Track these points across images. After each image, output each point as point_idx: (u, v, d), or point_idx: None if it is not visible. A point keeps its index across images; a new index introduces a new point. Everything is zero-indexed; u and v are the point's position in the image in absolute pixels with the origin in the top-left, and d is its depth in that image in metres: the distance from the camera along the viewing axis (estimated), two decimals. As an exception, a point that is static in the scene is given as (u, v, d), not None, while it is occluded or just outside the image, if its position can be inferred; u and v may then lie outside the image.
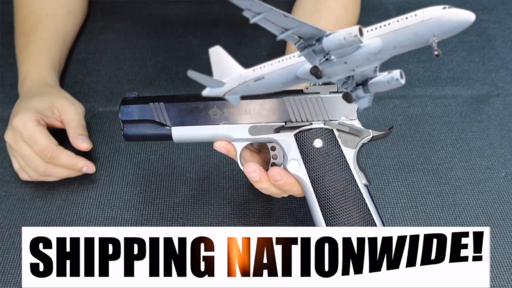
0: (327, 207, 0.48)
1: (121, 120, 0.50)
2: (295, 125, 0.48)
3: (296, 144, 0.48)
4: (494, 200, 0.60)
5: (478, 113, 0.70)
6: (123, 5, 0.86)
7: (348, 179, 0.48)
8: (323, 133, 0.48)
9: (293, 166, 0.48)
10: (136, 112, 0.49)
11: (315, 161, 0.48)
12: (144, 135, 0.50)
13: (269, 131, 0.49)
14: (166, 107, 0.49)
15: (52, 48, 0.72)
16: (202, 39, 0.81)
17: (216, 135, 0.49)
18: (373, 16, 0.84)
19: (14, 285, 0.53)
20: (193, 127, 0.49)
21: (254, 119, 0.49)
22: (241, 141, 0.49)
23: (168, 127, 0.49)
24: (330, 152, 0.48)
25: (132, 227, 0.58)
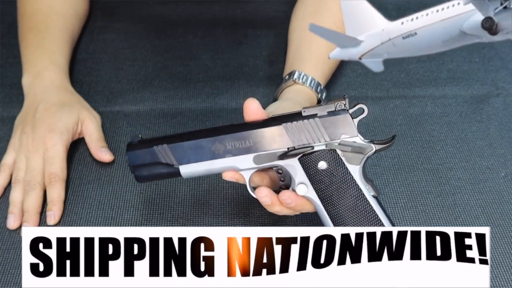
0: (339, 223, 0.49)
1: (130, 166, 0.51)
2: (298, 151, 0.48)
3: (302, 167, 0.49)
4: (494, 200, 0.60)
5: (478, 113, 0.70)
6: (123, 5, 0.86)
7: (356, 195, 0.48)
8: (326, 155, 0.48)
9: (301, 189, 0.49)
10: (142, 156, 0.50)
11: (322, 182, 0.48)
12: (155, 175, 0.51)
13: (273, 159, 0.49)
14: (170, 149, 0.49)
15: (65, 48, 0.72)
16: (202, 39, 0.81)
17: (222, 167, 0.49)
18: (373, 16, 0.84)
19: (14, 285, 0.53)
20: (199, 163, 0.49)
21: (257, 149, 0.49)
22: (247, 171, 0.50)
23: (176, 166, 0.50)
24: (335, 172, 0.48)
25: (132, 227, 0.58)
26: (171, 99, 0.72)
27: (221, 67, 0.76)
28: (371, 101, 0.71)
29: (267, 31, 0.82)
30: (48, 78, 0.67)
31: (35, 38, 0.71)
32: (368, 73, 0.75)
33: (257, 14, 0.85)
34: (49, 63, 0.68)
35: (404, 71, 0.76)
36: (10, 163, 0.61)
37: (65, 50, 0.72)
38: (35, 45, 0.70)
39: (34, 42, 0.71)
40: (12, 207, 0.58)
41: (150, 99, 0.72)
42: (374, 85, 0.74)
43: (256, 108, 0.49)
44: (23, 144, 0.61)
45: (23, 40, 0.72)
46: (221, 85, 0.74)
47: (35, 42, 0.71)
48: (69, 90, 0.68)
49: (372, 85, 0.74)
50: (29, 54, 0.70)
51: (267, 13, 0.85)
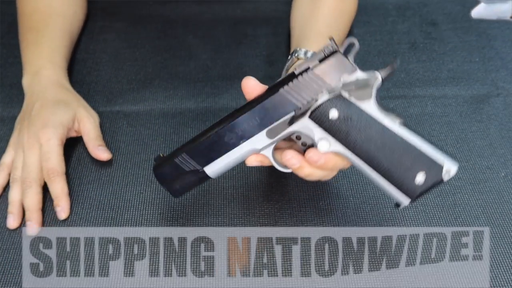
0: (376, 164, 0.46)
1: (161, 184, 0.52)
2: (304, 109, 0.47)
3: (316, 124, 0.47)
4: (494, 200, 0.60)
5: (478, 113, 0.70)
6: (123, 5, 0.86)
7: (381, 130, 0.45)
8: (333, 102, 0.46)
9: (323, 145, 0.47)
10: (169, 172, 0.51)
11: (341, 131, 0.46)
12: (186, 185, 0.52)
13: (284, 127, 0.48)
14: (189, 155, 0.50)
15: (63, 47, 0.72)
16: (202, 39, 0.81)
17: (242, 154, 0.49)
18: (373, 16, 0.84)
19: (14, 285, 0.53)
20: (220, 159, 0.49)
21: (265, 124, 0.48)
22: (266, 147, 0.49)
23: (200, 170, 0.50)
24: (349, 115, 0.46)
25: (132, 227, 0.58)
26: (171, 99, 0.72)
27: (221, 67, 0.76)
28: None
29: (267, 31, 0.82)
30: (46, 77, 0.67)
31: (34, 37, 0.71)
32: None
33: (257, 14, 0.85)
34: (47, 62, 0.68)
35: (404, 71, 0.76)
36: (8, 162, 0.61)
37: (64, 49, 0.72)
38: (34, 44, 0.70)
39: (33, 41, 0.71)
40: (11, 207, 0.58)
41: (150, 99, 0.72)
42: (374, 85, 0.74)
43: (254, 84, 0.48)
44: (20, 142, 0.61)
45: (23, 40, 0.72)
46: (221, 85, 0.74)
47: (34, 42, 0.71)
48: (66, 88, 0.68)
49: (372, 85, 0.74)
50: (28, 54, 0.70)
51: (267, 13, 0.85)
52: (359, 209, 0.59)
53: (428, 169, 0.45)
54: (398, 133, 0.45)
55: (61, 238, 0.57)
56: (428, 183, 0.45)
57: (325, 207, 0.59)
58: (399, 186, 0.46)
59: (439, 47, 0.79)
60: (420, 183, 0.45)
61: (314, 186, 0.61)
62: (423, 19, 0.84)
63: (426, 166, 0.45)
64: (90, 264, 0.55)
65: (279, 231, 0.57)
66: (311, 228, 0.57)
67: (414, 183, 0.45)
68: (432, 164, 0.45)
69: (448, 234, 0.57)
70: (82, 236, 0.57)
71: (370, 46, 0.79)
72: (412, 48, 0.79)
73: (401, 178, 0.46)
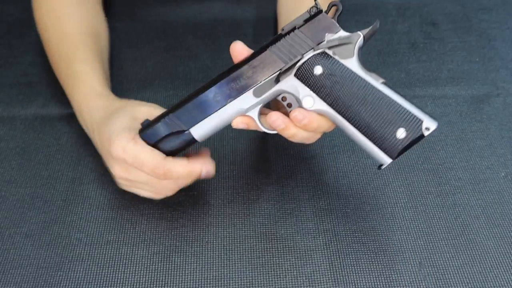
0: (358, 121, 0.47)
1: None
2: (290, 66, 0.48)
3: (301, 82, 0.48)
4: (494, 200, 0.60)
5: (478, 113, 0.70)
6: (123, 5, 0.86)
7: (363, 86, 0.47)
8: (317, 58, 0.48)
9: (308, 102, 0.48)
10: (155, 133, 0.51)
11: (324, 87, 0.48)
12: (172, 148, 0.52)
13: (271, 85, 0.49)
14: (176, 116, 0.50)
15: (98, 66, 0.66)
16: (202, 39, 0.81)
17: (229, 114, 0.50)
18: (373, 15, 0.84)
19: (14, 285, 0.53)
20: (206, 119, 0.50)
21: (253, 83, 0.49)
22: (253, 108, 0.50)
23: (187, 131, 0.51)
24: (333, 71, 0.47)
25: (132, 227, 0.58)
26: (171, 99, 0.72)
27: (221, 67, 0.76)
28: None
29: (267, 31, 0.82)
30: (88, 109, 0.61)
31: (66, 66, 0.66)
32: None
33: (257, 14, 0.85)
34: (85, 96, 0.62)
35: (404, 71, 0.76)
36: (150, 194, 0.57)
37: (98, 66, 0.66)
38: (69, 77, 0.65)
39: (66, 72, 0.66)
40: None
41: (150, 99, 0.72)
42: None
43: (241, 47, 0.50)
44: (120, 181, 0.56)
45: (57, 70, 0.68)
46: (221, 85, 0.74)
47: (68, 73, 0.66)
48: (110, 97, 0.62)
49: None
50: (68, 88, 0.65)
51: (267, 13, 0.85)
52: (359, 209, 0.59)
53: (408, 124, 0.46)
54: (380, 89, 0.47)
55: (61, 237, 0.57)
56: (409, 138, 0.46)
57: (325, 207, 0.59)
58: (380, 143, 0.47)
59: (439, 47, 0.79)
60: (400, 138, 0.46)
61: (314, 186, 0.61)
62: (423, 19, 0.84)
63: (406, 122, 0.46)
64: (90, 264, 0.55)
65: (279, 231, 0.57)
66: (311, 228, 0.57)
67: (395, 138, 0.46)
68: (412, 119, 0.46)
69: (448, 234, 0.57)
70: (82, 236, 0.57)
71: (370, 46, 0.79)
72: (412, 48, 0.79)
73: (382, 134, 0.47)
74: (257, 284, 0.53)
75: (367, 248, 0.56)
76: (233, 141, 0.66)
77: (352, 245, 0.56)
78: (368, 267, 0.54)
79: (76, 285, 0.53)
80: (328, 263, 0.54)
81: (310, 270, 0.54)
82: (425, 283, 0.53)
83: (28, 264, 0.55)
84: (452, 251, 0.55)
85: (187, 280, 0.53)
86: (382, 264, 0.54)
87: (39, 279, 0.54)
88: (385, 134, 0.46)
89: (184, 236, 0.57)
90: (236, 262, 0.55)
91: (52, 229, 0.58)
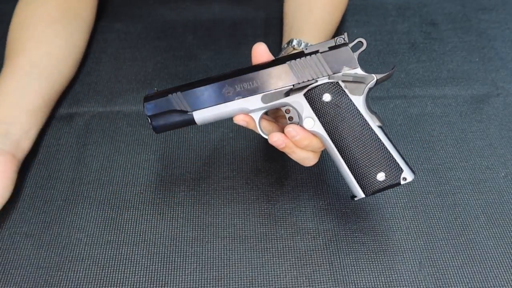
0: (347, 154, 0.50)
1: (147, 116, 0.53)
2: (303, 86, 0.51)
3: (307, 102, 0.51)
4: (494, 200, 0.60)
5: (478, 113, 0.70)
6: (123, 5, 0.86)
7: (361, 124, 0.50)
8: (329, 87, 0.50)
9: (308, 123, 0.51)
10: (159, 105, 0.52)
11: (327, 114, 0.50)
12: (171, 124, 0.53)
13: (280, 96, 0.51)
14: (184, 95, 0.52)
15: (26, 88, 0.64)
16: (202, 39, 0.81)
17: (233, 110, 0.52)
18: (373, 16, 0.84)
19: (14, 285, 0.53)
20: (211, 108, 0.52)
21: (264, 88, 0.51)
22: (257, 111, 0.52)
23: (190, 112, 0.52)
24: (339, 103, 0.50)
25: (132, 227, 0.58)
26: (171, 99, 0.72)
27: (221, 67, 0.76)
28: (371, 101, 0.71)
29: (266, 31, 0.82)
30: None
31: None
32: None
33: (257, 14, 0.85)
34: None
35: (404, 71, 0.76)
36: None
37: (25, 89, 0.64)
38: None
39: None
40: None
41: (150, 99, 0.72)
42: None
43: (263, 50, 0.51)
44: None
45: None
46: (221, 85, 0.74)
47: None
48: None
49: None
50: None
51: (267, 13, 0.85)
52: (359, 209, 0.59)
53: (390, 171, 0.50)
54: (376, 131, 0.50)
55: (61, 237, 0.57)
56: (386, 182, 0.50)
57: (325, 207, 0.59)
58: (360, 179, 0.50)
59: (439, 47, 0.79)
60: (379, 181, 0.50)
61: (314, 186, 0.61)
62: (423, 19, 0.84)
63: (389, 168, 0.50)
64: (90, 264, 0.55)
65: (279, 231, 0.57)
66: (311, 228, 0.57)
67: (374, 179, 0.50)
68: (395, 167, 0.50)
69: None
70: (82, 236, 0.57)
71: (370, 46, 0.79)
72: (412, 48, 0.79)
73: (364, 172, 0.50)
74: (257, 284, 0.53)
75: (367, 248, 0.56)
76: (233, 141, 0.66)
77: (352, 245, 0.56)
78: (368, 267, 0.54)
79: (76, 285, 0.53)
80: (328, 263, 0.54)
81: (310, 270, 0.54)
82: (425, 283, 0.53)
83: (28, 264, 0.55)
84: (452, 251, 0.55)
85: (187, 280, 0.53)
86: (382, 264, 0.54)
87: (39, 279, 0.54)
88: (367, 173, 0.50)
89: (184, 236, 0.57)
90: (236, 262, 0.55)
91: (52, 229, 0.58)
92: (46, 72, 0.67)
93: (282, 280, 0.53)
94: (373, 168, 0.50)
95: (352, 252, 0.55)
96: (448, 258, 0.55)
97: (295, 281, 0.53)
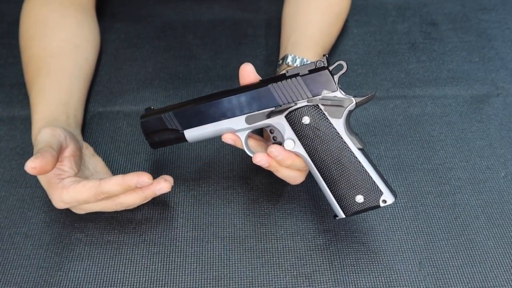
0: (327, 175, 0.52)
1: (143, 133, 0.57)
2: (283, 108, 0.52)
3: (288, 124, 0.52)
4: (494, 200, 0.60)
5: (478, 113, 0.70)
6: (123, 5, 0.86)
7: (340, 147, 0.51)
8: (308, 110, 0.52)
9: (289, 144, 0.52)
10: (153, 124, 0.56)
11: (307, 136, 0.52)
12: (164, 140, 0.57)
13: (262, 118, 0.53)
14: (175, 115, 0.55)
15: (55, 93, 0.63)
16: (202, 39, 0.81)
17: (221, 129, 0.54)
18: (373, 16, 0.84)
19: (14, 285, 0.53)
20: (200, 127, 0.55)
21: (248, 110, 0.53)
22: (242, 131, 0.54)
23: (181, 131, 0.55)
24: (318, 126, 0.51)
25: (133, 227, 0.58)
26: (171, 99, 0.72)
27: (221, 67, 0.76)
28: (371, 101, 0.71)
29: (267, 31, 0.82)
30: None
31: (28, 89, 0.66)
32: (368, 73, 0.75)
33: (257, 14, 0.85)
34: (36, 124, 0.61)
35: (404, 71, 0.76)
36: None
37: (56, 95, 0.63)
38: (31, 101, 0.64)
39: (30, 94, 0.65)
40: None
41: (150, 99, 0.72)
42: (374, 85, 0.74)
43: (249, 70, 0.53)
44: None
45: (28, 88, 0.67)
46: (221, 85, 0.74)
47: (30, 96, 0.65)
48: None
49: (372, 85, 0.74)
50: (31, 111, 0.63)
51: (267, 13, 0.85)
52: (359, 209, 0.59)
53: (369, 194, 0.51)
54: (355, 154, 0.51)
55: (61, 237, 0.57)
56: (365, 205, 0.51)
57: (325, 207, 0.59)
58: (340, 200, 0.51)
59: (439, 47, 0.79)
60: (358, 203, 0.51)
61: (314, 186, 0.61)
62: (423, 19, 0.84)
63: (367, 190, 0.51)
64: (90, 264, 0.55)
65: (279, 231, 0.57)
66: (311, 228, 0.57)
67: (353, 201, 0.51)
68: (373, 190, 0.50)
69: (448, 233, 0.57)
70: (82, 236, 0.57)
71: (370, 46, 0.79)
72: (412, 48, 0.79)
73: (344, 193, 0.51)
74: (257, 284, 0.53)
75: (367, 248, 0.56)
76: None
77: (352, 245, 0.56)
78: (368, 267, 0.54)
79: (76, 285, 0.53)
80: (328, 263, 0.54)
81: (310, 270, 0.54)
82: (425, 283, 0.53)
83: (28, 264, 0.55)
84: (452, 251, 0.55)
85: (187, 280, 0.53)
86: (382, 264, 0.54)
87: (39, 279, 0.54)
88: (346, 194, 0.51)
89: (184, 236, 0.57)
90: (236, 262, 0.55)
91: (52, 229, 0.58)
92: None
93: (282, 280, 0.53)
94: (352, 190, 0.51)
95: (352, 252, 0.55)
96: (448, 258, 0.55)
97: (295, 281, 0.53)
